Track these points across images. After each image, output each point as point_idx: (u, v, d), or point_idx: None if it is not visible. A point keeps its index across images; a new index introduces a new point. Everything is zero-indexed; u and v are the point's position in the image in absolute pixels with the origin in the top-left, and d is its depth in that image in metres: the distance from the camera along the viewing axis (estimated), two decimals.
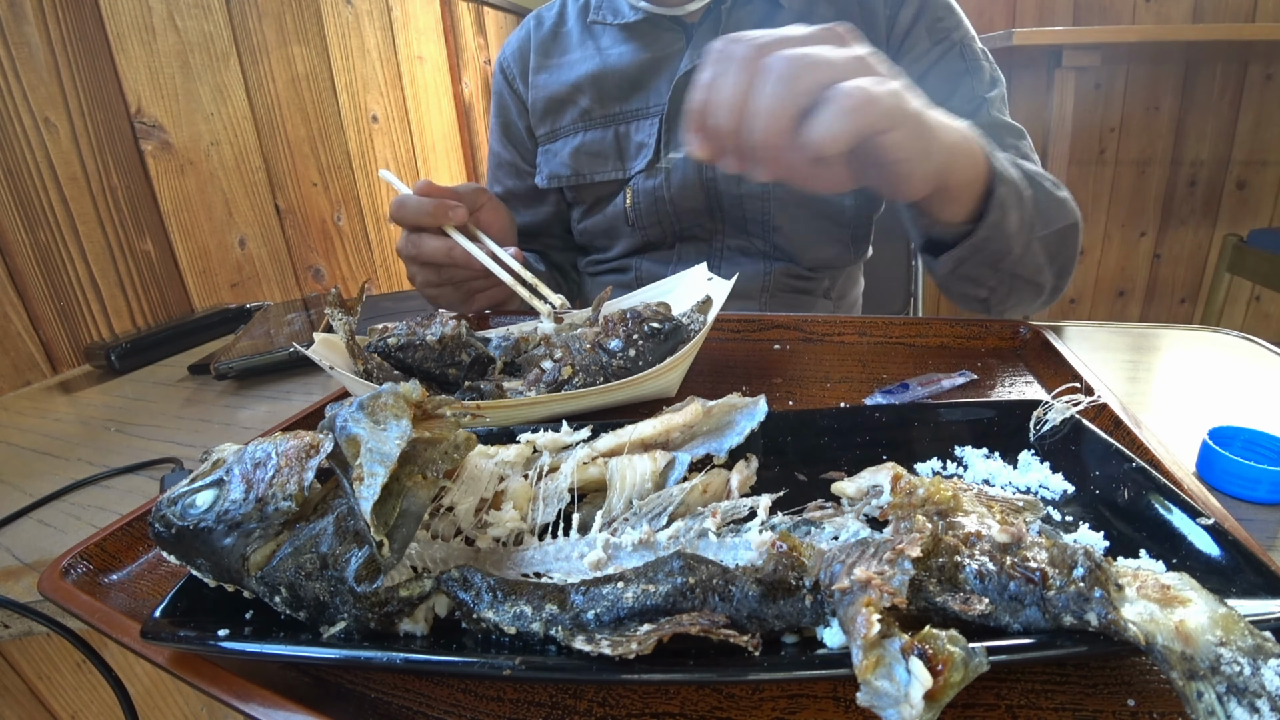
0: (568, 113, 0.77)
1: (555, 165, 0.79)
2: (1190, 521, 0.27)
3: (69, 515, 0.43)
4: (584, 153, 0.76)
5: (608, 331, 0.47)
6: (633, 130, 0.74)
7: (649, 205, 0.75)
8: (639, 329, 0.46)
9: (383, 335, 0.50)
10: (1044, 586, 0.22)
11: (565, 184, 0.79)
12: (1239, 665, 0.19)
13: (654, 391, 0.47)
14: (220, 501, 0.27)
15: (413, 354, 0.48)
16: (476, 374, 0.49)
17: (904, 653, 0.19)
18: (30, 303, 0.75)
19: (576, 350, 0.47)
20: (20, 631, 0.37)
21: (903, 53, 0.70)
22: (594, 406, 0.45)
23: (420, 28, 1.44)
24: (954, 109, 0.66)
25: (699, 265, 0.57)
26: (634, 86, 0.73)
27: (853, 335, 0.59)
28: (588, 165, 0.76)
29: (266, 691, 0.25)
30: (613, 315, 0.48)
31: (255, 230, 1.05)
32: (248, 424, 0.55)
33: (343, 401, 0.29)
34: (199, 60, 0.95)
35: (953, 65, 0.69)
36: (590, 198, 0.80)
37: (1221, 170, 2.00)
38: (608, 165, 0.75)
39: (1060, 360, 0.48)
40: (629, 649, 0.21)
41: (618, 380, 0.44)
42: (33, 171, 0.75)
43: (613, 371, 0.45)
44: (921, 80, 0.68)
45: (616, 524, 0.30)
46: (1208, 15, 1.85)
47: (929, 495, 0.27)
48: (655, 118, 0.72)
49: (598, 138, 0.75)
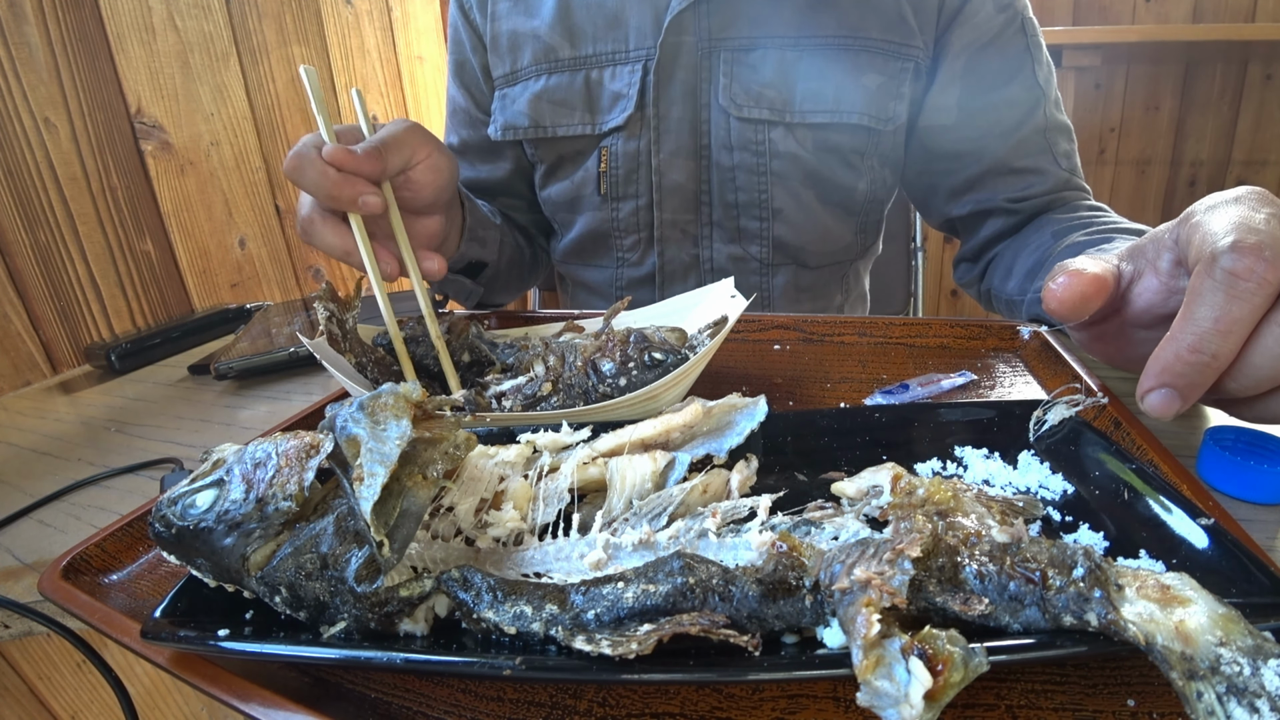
0: (529, 50, 0.65)
1: (511, 114, 0.67)
2: (1190, 521, 0.27)
3: (69, 515, 0.43)
4: (546, 100, 0.64)
5: (605, 350, 0.43)
6: (606, 77, 0.63)
7: (628, 172, 0.65)
8: (639, 356, 0.42)
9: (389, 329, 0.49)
10: (1044, 587, 0.22)
11: (523, 136, 0.67)
12: (1239, 665, 0.19)
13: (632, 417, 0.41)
14: (220, 501, 0.27)
15: (415, 349, 0.48)
16: (475, 375, 0.49)
17: (904, 653, 0.19)
18: (30, 303, 0.75)
19: (569, 363, 0.43)
20: (20, 631, 0.37)
21: (960, 21, 0.64)
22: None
23: (420, 28, 1.44)
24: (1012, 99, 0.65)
25: (725, 280, 0.51)
26: (611, 23, 0.62)
27: (853, 335, 0.59)
28: (550, 115, 0.65)
29: (266, 691, 0.25)
30: (617, 333, 0.44)
31: (255, 230, 1.05)
32: (248, 424, 0.55)
33: (343, 401, 0.29)
34: (199, 60, 0.95)
35: (1014, 42, 0.64)
36: (552, 156, 0.68)
37: (1221, 170, 2.00)
38: (574, 117, 0.64)
39: (1060, 360, 0.48)
40: (629, 649, 0.21)
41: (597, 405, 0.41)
42: (33, 171, 0.75)
43: (596, 397, 0.42)
44: (980, 55, 0.64)
45: (616, 524, 0.30)
46: (1208, 15, 1.85)
47: (929, 495, 0.27)
48: (637, 63, 0.61)
49: (563, 83, 0.64)
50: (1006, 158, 0.66)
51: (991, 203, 0.68)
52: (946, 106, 0.67)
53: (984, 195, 0.68)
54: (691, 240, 0.69)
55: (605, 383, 0.41)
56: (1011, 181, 0.66)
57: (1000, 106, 0.65)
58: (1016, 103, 0.65)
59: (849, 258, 0.76)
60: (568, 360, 0.43)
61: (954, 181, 0.69)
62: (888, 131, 0.67)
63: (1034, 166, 0.66)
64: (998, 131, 0.66)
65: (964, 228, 0.73)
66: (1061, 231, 0.60)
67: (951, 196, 0.71)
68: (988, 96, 0.65)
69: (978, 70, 0.65)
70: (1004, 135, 0.66)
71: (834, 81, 0.64)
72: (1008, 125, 0.66)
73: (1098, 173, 2.07)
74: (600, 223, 0.69)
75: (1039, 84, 0.65)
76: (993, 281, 0.69)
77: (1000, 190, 0.67)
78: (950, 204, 0.71)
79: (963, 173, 0.68)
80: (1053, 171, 0.66)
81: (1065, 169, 0.66)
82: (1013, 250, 0.66)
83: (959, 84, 0.66)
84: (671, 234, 0.68)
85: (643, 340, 0.42)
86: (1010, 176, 0.66)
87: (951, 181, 0.70)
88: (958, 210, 0.71)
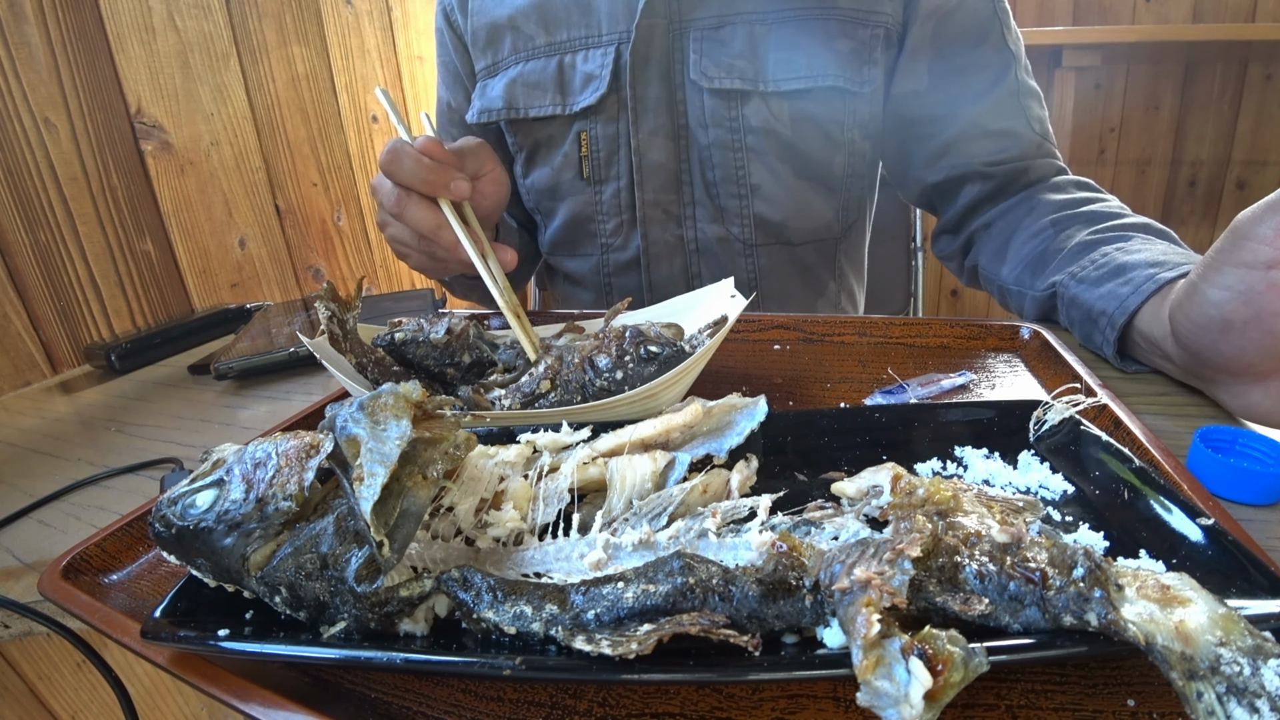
0: (507, 40, 0.68)
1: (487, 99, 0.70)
2: (1190, 521, 0.27)
3: (69, 515, 0.43)
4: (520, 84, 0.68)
5: (601, 347, 0.43)
6: (579, 60, 0.65)
7: (609, 155, 0.67)
8: (635, 350, 0.41)
9: (392, 329, 0.49)
10: (1044, 587, 0.22)
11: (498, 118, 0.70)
12: (1239, 665, 0.19)
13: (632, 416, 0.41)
14: (220, 501, 0.27)
15: (414, 350, 0.48)
16: (475, 376, 0.49)
17: (904, 653, 0.19)
18: (30, 303, 0.75)
19: (567, 361, 0.43)
20: (20, 631, 0.37)
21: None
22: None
23: (420, 28, 1.44)
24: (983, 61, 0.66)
25: (725, 281, 0.51)
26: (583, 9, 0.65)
27: (853, 335, 0.59)
28: (523, 98, 0.68)
29: (266, 691, 0.25)
30: (611, 330, 0.44)
31: (255, 230, 1.05)
32: (248, 424, 0.55)
33: (343, 401, 0.29)
34: (199, 60, 0.95)
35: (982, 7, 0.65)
36: (529, 141, 0.71)
37: (1221, 170, 2.00)
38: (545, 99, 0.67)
39: (1060, 360, 0.48)
40: (629, 649, 0.21)
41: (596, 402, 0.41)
42: (33, 171, 0.75)
43: (593, 392, 0.42)
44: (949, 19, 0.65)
45: (616, 524, 0.30)
46: (1208, 15, 1.85)
47: (929, 495, 0.27)
48: (609, 46, 0.64)
49: (538, 68, 0.67)
50: (980, 119, 0.67)
51: (968, 166, 0.68)
52: (918, 71, 0.67)
53: (959, 160, 0.68)
54: (675, 221, 0.70)
55: (602, 377, 0.41)
56: (986, 144, 0.67)
57: (971, 69, 0.66)
58: (988, 65, 0.66)
59: (832, 235, 0.76)
60: (565, 359, 0.44)
61: (929, 147, 0.70)
62: (864, 95, 0.67)
63: (1008, 129, 0.66)
64: (970, 94, 0.66)
65: (941, 197, 0.73)
66: (1062, 222, 0.60)
67: (927, 163, 0.71)
68: (958, 59, 0.66)
69: (947, 33, 0.66)
70: (976, 97, 0.66)
71: (805, 49, 0.64)
72: (979, 87, 0.66)
73: (1098, 173, 2.07)
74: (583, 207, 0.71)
75: (1009, 47, 0.66)
76: (980, 258, 0.69)
77: (975, 154, 0.67)
78: (926, 171, 0.71)
79: (937, 137, 0.69)
80: (1026, 134, 0.66)
81: (1039, 133, 0.67)
82: (1004, 228, 0.66)
83: (929, 47, 0.67)
84: (654, 214, 0.69)
85: (638, 335, 0.42)
86: (985, 139, 0.67)
87: (927, 147, 0.70)
88: (933, 177, 0.70)
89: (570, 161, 0.69)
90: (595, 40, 0.65)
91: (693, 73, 0.64)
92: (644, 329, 0.43)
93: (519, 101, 0.68)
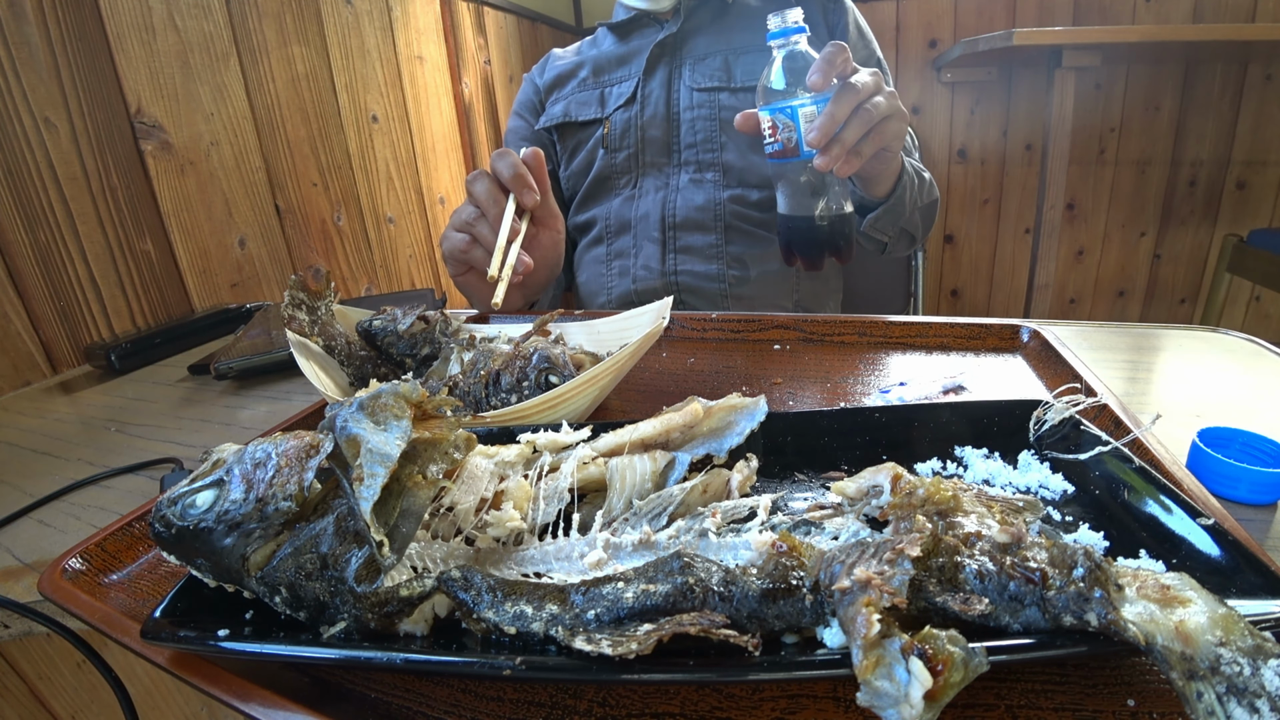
0: (570, 83, 1.02)
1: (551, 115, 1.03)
2: (1190, 521, 0.27)
3: (69, 515, 0.43)
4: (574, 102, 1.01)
5: (509, 363, 0.43)
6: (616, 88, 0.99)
7: (622, 131, 0.97)
8: (536, 377, 0.42)
9: (375, 315, 0.54)
10: (1044, 586, 0.22)
11: (556, 122, 1.01)
12: (1239, 665, 0.19)
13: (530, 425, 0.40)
14: (220, 502, 0.27)
15: (384, 337, 0.52)
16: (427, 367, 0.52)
17: (904, 653, 0.19)
18: (30, 303, 0.75)
19: (481, 366, 0.44)
20: (20, 631, 0.37)
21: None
22: None
23: (420, 28, 1.44)
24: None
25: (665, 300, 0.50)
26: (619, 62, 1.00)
27: (853, 335, 0.59)
28: (575, 109, 1.00)
29: (266, 691, 0.25)
30: (528, 346, 0.44)
31: (255, 230, 1.05)
32: (248, 424, 0.55)
33: (343, 401, 0.29)
34: (199, 60, 0.95)
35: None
36: (573, 140, 1.01)
37: (1221, 170, 2.00)
38: (590, 109, 0.99)
39: (1060, 360, 0.48)
40: (629, 649, 0.21)
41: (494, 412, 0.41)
42: (33, 171, 0.75)
43: (486, 408, 0.42)
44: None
45: (616, 524, 0.30)
46: (1208, 15, 1.85)
47: (929, 495, 0.27)
48: (635, 78, 0.96)
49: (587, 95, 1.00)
50: None
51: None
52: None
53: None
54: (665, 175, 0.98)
55: (498, 396, 0.43)
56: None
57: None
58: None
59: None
60: (478, 365, 0.45)
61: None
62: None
63: None
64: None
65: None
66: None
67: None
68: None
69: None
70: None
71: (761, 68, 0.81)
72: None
73: (1098, 173, 2.07)
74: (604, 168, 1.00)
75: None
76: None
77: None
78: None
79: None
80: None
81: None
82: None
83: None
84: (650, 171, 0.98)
85: (545, 362, 0.43)
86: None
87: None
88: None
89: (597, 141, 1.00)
90: (626, 77, 0.98)
91: (687, 80, 0.95)
92: (554, 357, 0.43)
93: (571, 111, 1.00)
